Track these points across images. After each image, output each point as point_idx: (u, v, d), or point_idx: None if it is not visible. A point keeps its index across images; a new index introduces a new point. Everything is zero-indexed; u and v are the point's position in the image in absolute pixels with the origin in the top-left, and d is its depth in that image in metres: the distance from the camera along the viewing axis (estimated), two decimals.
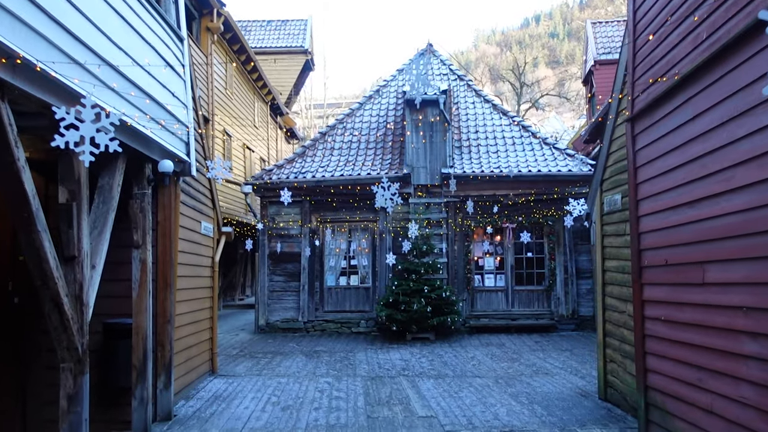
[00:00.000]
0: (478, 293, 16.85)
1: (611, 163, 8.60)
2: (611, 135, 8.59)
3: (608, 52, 25.17)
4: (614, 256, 8.47)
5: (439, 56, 21.13)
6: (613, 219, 8.52)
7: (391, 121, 18.86)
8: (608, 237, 8.70)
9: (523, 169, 16.48)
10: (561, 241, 16.57)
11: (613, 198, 8.44)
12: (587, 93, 27.28)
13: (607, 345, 8.77)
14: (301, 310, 16.72)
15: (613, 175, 8.50)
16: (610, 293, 8.63)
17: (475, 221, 16.80)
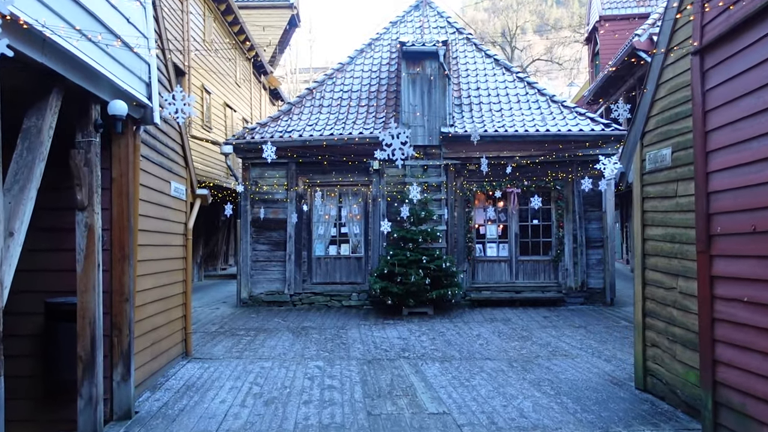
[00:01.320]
0: (479, 264, 15.53)
1: (657, 111, 7.19)
2: (658, 78, 7.17)
3: (614, 7, 23.60)
4: (659, 222, 7.11)
5: (435, 8, 19.51)
6: (658, 178, 7.14)
7: (385, 77, 17.30)
8: (651, 200, 7.33)
9: (530, 128, 15.05)
10: (570, 207, 15.23)
11: (660, 153, 7.05)
12: (591, 51, 25.78)
13: (647, 326, 7.46)
14: (287, 281, 15.35)
15: (660, 125, 7.10)
16: (653, 266, 7.29)
17: (477, 185, 15.40)
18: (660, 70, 7.13)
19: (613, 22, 23.51)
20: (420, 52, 15.27)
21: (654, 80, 7.22)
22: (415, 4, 19.69)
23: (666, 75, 7.01)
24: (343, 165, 15.37)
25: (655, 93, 7.22)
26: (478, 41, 18.64)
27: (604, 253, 15.12)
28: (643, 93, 7.47)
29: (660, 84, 7.13)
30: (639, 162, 7.63)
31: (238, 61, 23.17)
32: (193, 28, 17.08)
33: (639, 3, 23.67)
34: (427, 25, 18.68)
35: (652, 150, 7.28)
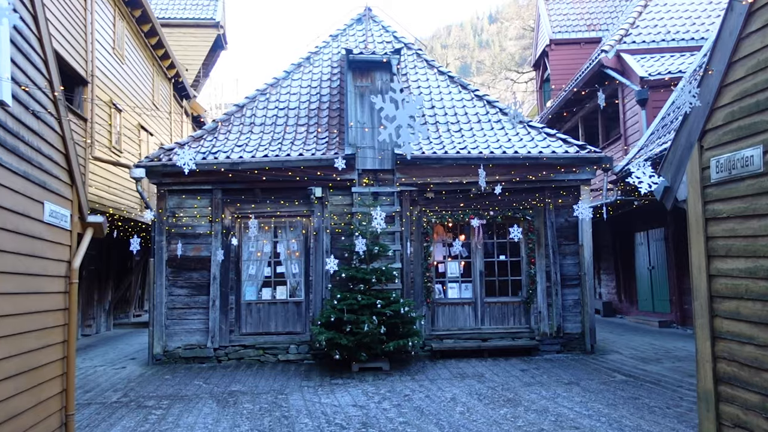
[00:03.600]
0: (440, 307, 13.31)
1: (730, 99, 5.22)
2: (732, 54, 5.20)
3: (564, 31, 22.34)
4: (741, 252, 5.08)
5: (379, 22, 17.60)
6: (737, 190, 5.14)
7: (327, 93, 15.09)
8: (723, 221, 5.31)
9: (496, 150, 13.10)
10: (542, 240, 13.27)
11: (740, 156, 5.06)
12: (540, 77, 24.45)
13: (724, 398, 5.35)
14: (210, 332, 12.67)
15: (738, 118, 5.12)
16: (731, 313, 5.22)
17: (436, 216, 13.27)
18: (736, 40, 5.16)
19: (564, 47, 22.25)
20: (369, 61, 13.18)
21: (724, 56, 5.26)
22: (357, 18, 17.73)
23: (747, 47, 5.05)
24: (280, 193, 12.98)
25: (726, 75, 5.24)
26: (429, 57, 16.74)
27: (582, 293, 13.18)
28: (703, 76, 5.48)
29: (736, 61, 5.15)
30: (698, 171, 5.62)
31: (157, 79, 20.51)
32: (99, 31, 14.46)
33: (589, 28, 22.53)
34: (372, 39, 16.68)
35: (723, 153, 5.27)
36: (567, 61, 21.99)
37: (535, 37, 25.39)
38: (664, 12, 17.31)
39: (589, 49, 21.93)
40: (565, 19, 22.84)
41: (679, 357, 12.21)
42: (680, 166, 5.85)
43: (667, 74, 14.81)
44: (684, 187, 5.77)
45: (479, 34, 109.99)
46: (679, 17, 17.07)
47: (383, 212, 10.72)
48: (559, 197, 13.24)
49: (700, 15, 17.02)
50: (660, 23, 16.90)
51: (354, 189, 12.96)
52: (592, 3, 24.00)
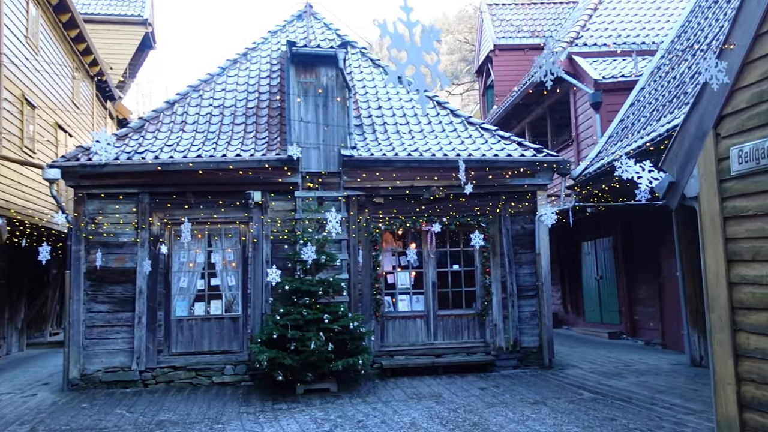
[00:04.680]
0: (389, 321, 12.35)
1: (760, 77, 4.51)
2: (759, 24, 4.48)
3: (507, 37, 21.92)
4: (767, 256, 4.32)
5: (321, 19, 16.65)
6: (767, 183, 4.39)
7: (266, 91, 13.99)
8: (747, 219, 4.60)
9: (449, 152, 12.31)
10: (498, 248, 12.52)
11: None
12: (483, 83, 23.98)
13: (750, 427, 4.59)
14: (136, 353, 11.32)
15: (766, 99, 4.38)
16: (760, 326, 4.47)
17: (385, 222, 12.34)
18: (762, 19, 4.43)
19: (508, 53, 21.82)
20: (314, 55, 12.18)
21: (750, 28, 4.53)
22: (297, 15, 16.73)
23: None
24: (215, 197, 11.79)
25: (752, 50, 4.52)
26: (375, 56, 15.88)
27: (539, 304, 12.49)
28: (720, 52, 4.75)
29: (763, 33, 4.43)
30: (713, 163, 4.89)
31: (78, 77, 18.88)
32: (8, 15, 12.93)
33: (533, 34, 22.20)
34: (314, 36, 15.68)
35: (749, 140, 4.55)
36: (511, 67, 21.56)
37: (478, 43, 24.94)
38: (614, 16, 17.04)
39: (533, 56, 21.53)
40: (508, 25, 22.45)
41: (641, 371, 11.64)
42: (689, 159, 5.11)
43: (621, 78, 14.42)
44: (694, 182, 5.03)
45: None
46: (629, 21, 16.82)
47: (338, 216, 9.69)
48: (515, 203, 12.55)
49: (649, 20, 16.81)
50: (611, 26, 16.60)
51: (297, 193, 11.90)
52: (535, 10, 23.73)
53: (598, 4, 17.51)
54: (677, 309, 13.66)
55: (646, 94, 12.37)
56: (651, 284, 15.24)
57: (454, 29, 69.41)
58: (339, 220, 9.51)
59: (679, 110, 9.19)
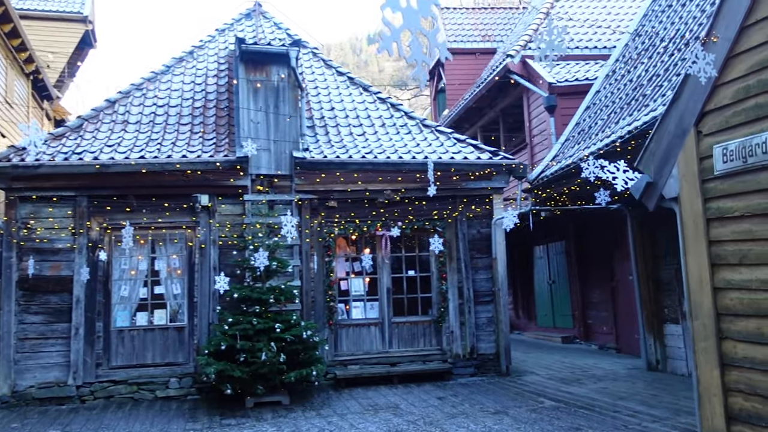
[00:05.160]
0: (343, 329, 11.93)
1: (746, 71, 4.32)
2: (746, 16, 4.27)
3: (459, 41, 21.81)
4: (761, 259, 4.11)
5: (271, 18, 16.12)
6: (756, 182, 4.23)
7: (213, 90, 13.40)
8: (732, 221, 4.38)
9: (405, 155, 11.98)
10: (454, 254, 12.24)
11: (762, 141, 4.10)
12: (434, 87, 23.82)
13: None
14: (72, 367, 10.58)
15: (756, 93, 4.20)
16: (748, 334, 4.26)
17: (339, 227, 11.92)
18: (748, 9, 4.21)
19: (460, 56, 21.70)
20: (264, 53, 11.70)
21: (734, 20, 4.32)
22: (246, 13, 16.16)
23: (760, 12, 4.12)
24: (159, 200, 11.17)
25: (737, 43, 4.30)
26: (326, 57, 15.45)
27: (496, 310, 12.26)
28: (705, 42, 4.53)
29: (751, 25, 4.22)
30: (695, 162, 4.67)
31: (12, 74, 17.85)
32: None
33: (484, 38, 22.15)
34: (263, 35, 15.14)
35: (733, 138, 4.34)
36: (463, 71, 21.44)
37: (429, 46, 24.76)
38: (566, 20, 17.02)
39: (484, 60, 21.51)
40: (460, 29, 22.34)
41: (599, 376, 11.52)
42: (668, 158, 4.88)
43: (575, 81, 14.38)
44: (674, 182, 4.80)
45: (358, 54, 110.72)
46: (581, 25, 16.85)
47: (293, 219, 9.21)
48: (471, 207, 12.29)
49: (601, 24, 16.87)
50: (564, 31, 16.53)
51: (246, 197, 11.37)
52: (486, 14, 23.71)
53: (550, 8, 17.52)
54: (631, 313, 13.65)
55: (602, 97, 12.31)
56: (604, 288, 15.23)
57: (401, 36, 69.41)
58: (294, 224, 9.04)
59: (638, 112, 9.08)
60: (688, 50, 8.66)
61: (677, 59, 9.33)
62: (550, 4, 17.60)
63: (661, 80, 9.30)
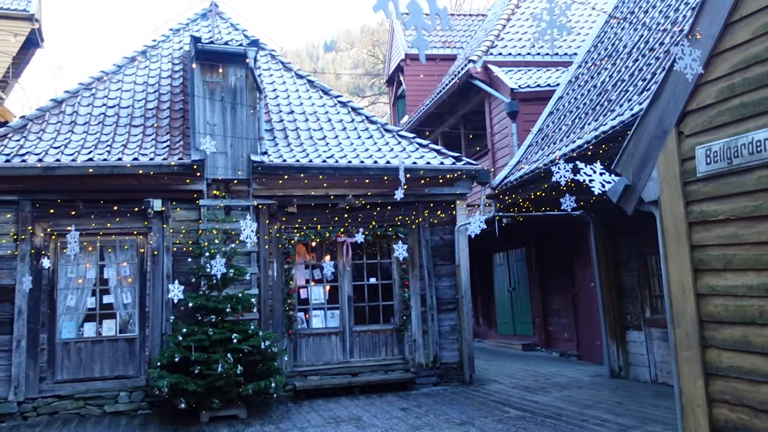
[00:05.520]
0: (303, 339, 11.54)
1: (731, 69, 4.18)
2: (730, 12, 4.12)
3: None
4: (747, 264, 4.01)
5: (227, 19, 15.71)
6: (742, 184, 4.10)
7: (167, 91, 12.91)
8: (717, 225, 4.22)
9: (367, 160, 11.70)
10: (417, 261, 11.98)
11: (748, 141, 3.98)
12: (393, 93, 23.63)
13: None
14: (14, 382, 9.95)
15: (742, 92, 4.07)
16: (734, 342, 4.10)
17: (298, 233, 11.55)
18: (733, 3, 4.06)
19: (419, 62, 21.52)
20: (221, 53, 11.28)
21: (718, 15, 4.16)
22: (202, 13, 15.73)
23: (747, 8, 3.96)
24: (109, 205, 10.63)
25: (721, 40, 4.14)
26: (285, 60, 15.09)
27: (459, 318, 12.04)
28: (686, 40, 4.35)
29: (737, 21, 4.06)
30: (676, 163, 4.51)
31: None
32: None
33: (444, 44, 22.06)
34: (220, 36, 14.72)
35: (717, 139, 4.19)
36: (423, 76, 21.30)
37: (388, 52, 24.59)
38: (527, 27, 17.04)
39: (444, 66, 21.41)
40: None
41: (563, 384, 11.39)
42: (647, 159, 4.70)
43: (536, 87, 14.32)
44: (654, 185, 4.62)
45: (315, 61, 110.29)
46: None
47: (253, 224, 8.83)
48: (434, 213, 12.07)
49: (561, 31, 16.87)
50: (524, 37, 16.57)
51: (202, 201, 10.91)
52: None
53: (511, 14, 17.50)
54: (592, 320, 13.61)
55: (565, 103, 12.26)
56: (565, 295, 15.19)
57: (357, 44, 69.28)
58: (254, 229, 8.65)
59: (604, 117, 9.00)
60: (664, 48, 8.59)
61: (642, 64, 9.28)
62: (510, 11, 17.57)
63: (627, 85, 9.24)
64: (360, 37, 70.39)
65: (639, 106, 7.69)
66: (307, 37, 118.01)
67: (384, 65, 38.87)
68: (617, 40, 11.46)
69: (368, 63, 55.34)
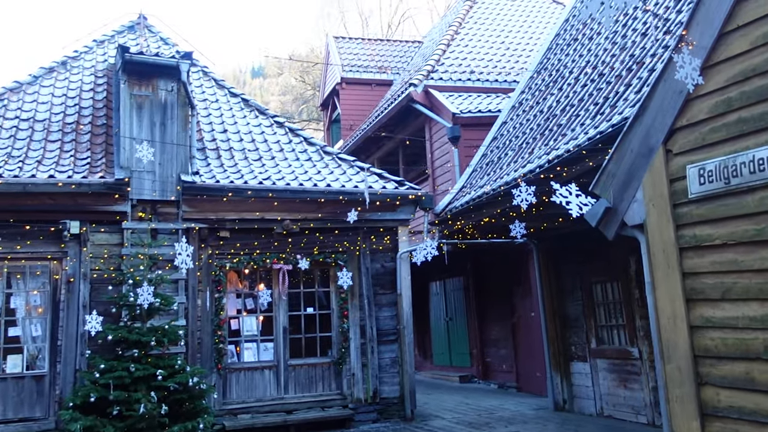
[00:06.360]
0: (233, 374, 10.71)
1: (726, 82, 3.85)
2: (725, 21, 3.81)
3: (355, 71, 21.35)
4: (748, 294, 3.63)
5: (157, 33, 14.81)
6: (742, 206, 3.77)
7: (89, 105, 11.97)
8: (712, 251, 3.87)
9: (306, 182, 11.10)
10: (356, 289, 11.40)
11: (748, 160, 3.64)
12: (328, 117, 23.16)
13: None
14: None
15: (740, 107, 3.77)
16: (735, 380, 3.71)
17: (231, 260, 10.78)
18: (734, 2, 3.74)
19: (355, 86, 21.21)
20: (152, 64, 10.51)
21: (712, 26, 3.85)
22: (129, 25, 14.80)
23: (755, 8, 3.66)
24: (17, 227, 9.58)
25: (715, 51, 3.82)
26: (218, 77, 14.38)
27: (400, 350, 11.50)
28: (673, 56, 4.02)
29: (732, 31, 3.76)
30: (664, 184, 4.16)
31: None
32: None
33: (380, 70, 21.81)
34: (148, 50, 13.85)
35: (711, 157, 3.89)
36: (358, 101, 20.93)
37: (323, 76, 24.15)
38: (467, 53, 16.95)
39: (380, 91, 21.12)
40: (356, 59, 21.88)
41: (507, 419, 10.98)
42: (630, 180, 4.33)
43: (478, 113, 14.14)
44: (639, 207, 4.25)
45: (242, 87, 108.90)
46: (481, 59, 16.80)
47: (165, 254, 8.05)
48: (375, 240, 11.55)
49: (500, 59, 16.90)
50: (464, 62, 16.44)
51: (126, 224, 10.03)
52: (381, 46, 23.47)
53: (451, 40, 17.39)
54: (532, 350, 13.33)
55: (510, 128, 12.05)
56: (504, 325, 14.89)
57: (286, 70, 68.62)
58: (189, 252, 7.89)
59: (555, 141, 8.75)
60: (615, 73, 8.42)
61: (592, 89, 9.12)
62: (450, 36, 17.47)
63: (577, 110, 9.05)
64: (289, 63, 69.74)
65: (594, 129, 7.45)
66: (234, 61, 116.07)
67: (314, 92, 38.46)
68: (562, 66, 11.37)
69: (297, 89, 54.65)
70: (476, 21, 18.48)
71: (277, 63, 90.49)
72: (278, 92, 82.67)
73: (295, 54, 65.08)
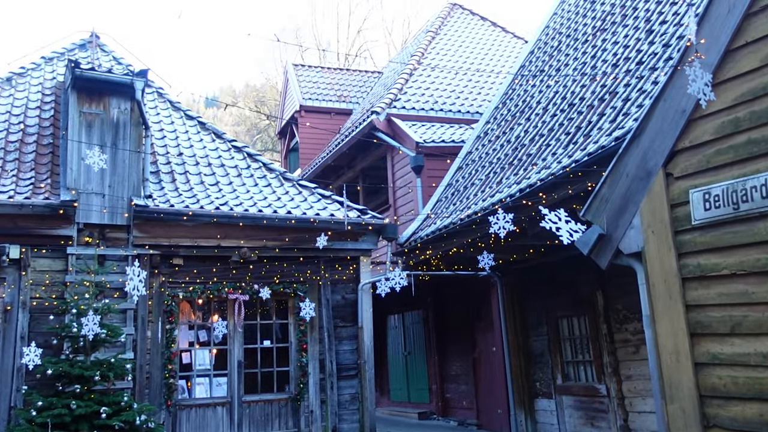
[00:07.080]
0: (183, 411, 10.04)
1: (734, 101, 3.64)
2: (732, 37, 3.61)
3: (314, 99, 21.08)
4: (754, 328, 3.30)
5: (110, 52, 14.28)
6: (753, 234, 3.52)
7: (35, 123, 11.32)
8: (718, 281, 3.61)
9: (265, 208, 10.65)
10: (316, 321, 10.89)
11: (761, 183, 3.36)
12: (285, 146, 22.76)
13: None
14: None
15: (749, 127, 3.53)
16: (746, 422, 3.38)
17: (184, 289, 10.19)
18: (742, 17, 3.55)
19: (314, 114, 20.90)
20: (105, 81, 9.98)
21: (718, 42, 3.63)
22: (81, 43, 14.22)
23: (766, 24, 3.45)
24: None
25: (721, 68, 3.61)
26: (174, 99, 13.87)
27: (361, 386, 11.01)
28: (672, 74, 3.79)
29: (740, 47, 3.55)
30: (665, 209, 3.90)
31: None
32: None
33: (339, 98, 21.59)
34: (100, 68, 13.30)
35: (717, 181, 3.65)
36: (317, 129, 20.61)
37: (282, 103, 23.80)
38: (429, 83, 16.84)
39: (339, 120, 20.87)
40: (315, 87, 21.62)
41: None
42: (626, 205, 4.07)
43: (441, 142, 13.95)
44: (636, 234, 3.98)
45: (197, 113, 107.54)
46: (444, 89, 16.70)
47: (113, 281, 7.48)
48: (336, 270, 11.12)
49: (462, 90, 16.83)
50: (427, 92, 16.31)
51: (71, 249, 9.38)
52: (341, 75, 23.28)
53: (413, 70, 17.28)
54: (494, 386, 12.99)
55: (475, 158, 11.87)
56: (465, 360, 14.53)
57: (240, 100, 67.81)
58: (143, 278, 7.33)
59: (525, 171, 8.54)
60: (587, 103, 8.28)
61: (563, 119, 8.98)
62: (413, 66, 17.36)
63: (547, 139, 8.89)
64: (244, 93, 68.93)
65: (568, 158, 7.26)
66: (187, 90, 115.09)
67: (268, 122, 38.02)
68: (528, 96, 11.27)
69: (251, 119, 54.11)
70: (438, 52, 18.45)
71: (231, 93, 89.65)
72: (232, 122, 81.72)
73: (251, 84, 64.59)
